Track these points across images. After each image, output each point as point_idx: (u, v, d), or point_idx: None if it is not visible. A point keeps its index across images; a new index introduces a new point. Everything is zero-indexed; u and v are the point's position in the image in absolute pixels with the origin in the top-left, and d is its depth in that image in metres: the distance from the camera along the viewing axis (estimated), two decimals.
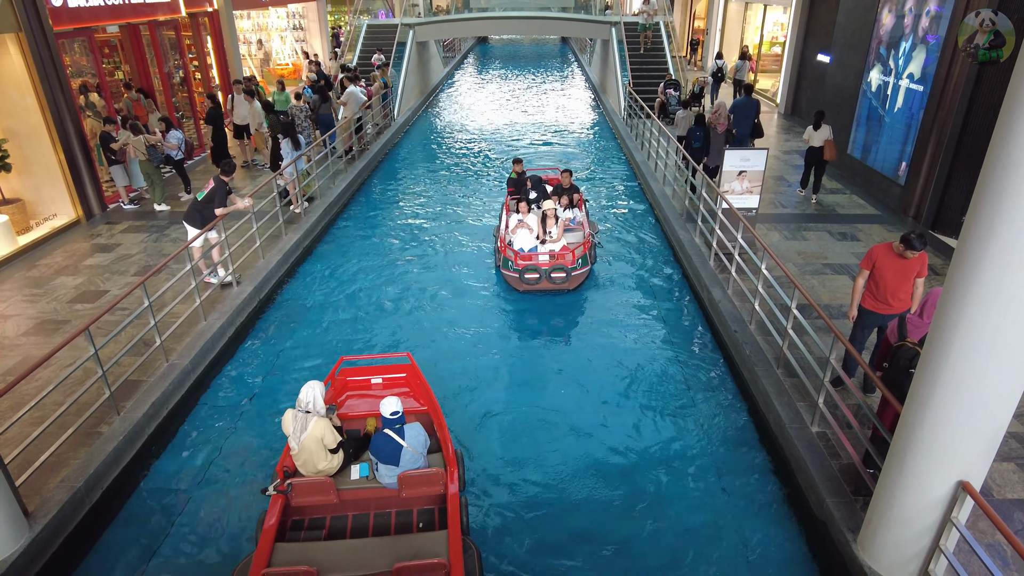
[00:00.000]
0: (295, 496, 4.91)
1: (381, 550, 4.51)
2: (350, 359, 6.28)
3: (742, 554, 5.08)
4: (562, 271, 8.71)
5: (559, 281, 8.77)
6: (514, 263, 8.84)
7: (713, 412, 6.71)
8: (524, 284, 8.85)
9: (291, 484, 4.86)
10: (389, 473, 4.92)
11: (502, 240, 9.53)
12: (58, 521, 4.93)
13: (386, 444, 4.87)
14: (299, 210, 11.11)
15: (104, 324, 7.08)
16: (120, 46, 13.85)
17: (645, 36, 20.86)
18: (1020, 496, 4.96)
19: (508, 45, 47.27)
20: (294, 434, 4.84)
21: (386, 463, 4.90)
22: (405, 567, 4.19)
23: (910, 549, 4.11)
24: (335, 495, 4.94)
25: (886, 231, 10.01)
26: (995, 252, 3.26)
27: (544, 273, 8.70)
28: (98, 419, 5.84)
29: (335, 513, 5.12)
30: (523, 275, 8.71)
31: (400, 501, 5.10)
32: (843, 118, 12.61)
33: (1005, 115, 3.18)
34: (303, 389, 4.97)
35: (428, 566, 4.22)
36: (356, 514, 5.13)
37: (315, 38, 24.09)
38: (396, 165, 16.33)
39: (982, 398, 3.57)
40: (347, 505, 5.07)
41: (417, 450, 4.94)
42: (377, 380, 5.98)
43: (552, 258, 8.86)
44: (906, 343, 4.75)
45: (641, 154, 15.04)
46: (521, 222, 9.43)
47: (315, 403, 4.92)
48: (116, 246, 9.59)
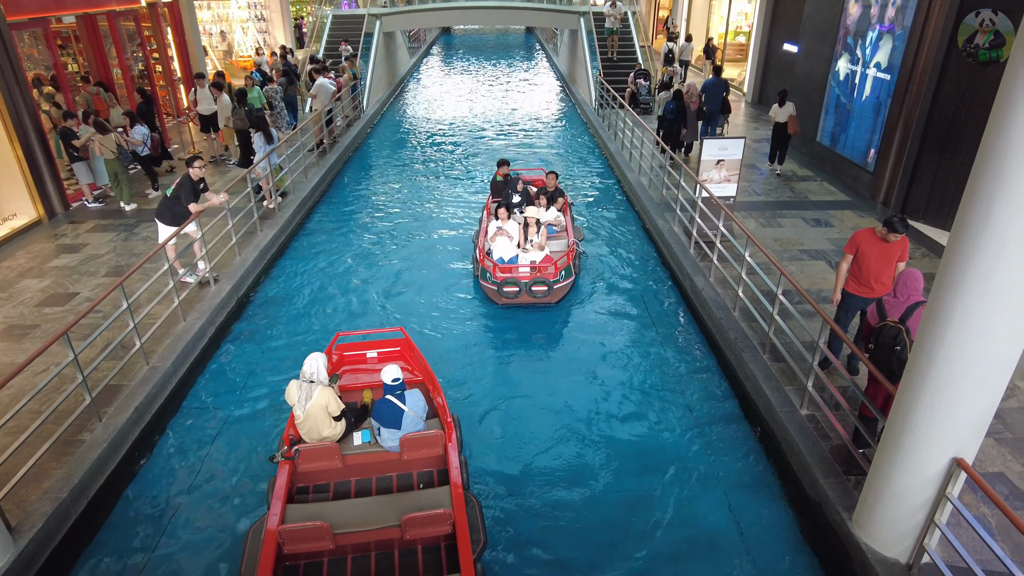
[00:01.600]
0: (301, 462, 5.11)
1: (387, 506, 4.76)
2: (345, 335, 6.44)
3: (739, 540, 5.18)
4: (543, 284, 8.22)
5: (540, 295, 8.28)
6: (493, 275, 8.31)
7: (701, 397, 6.81)
8: (503, 298, 8.31)
9: (298, 450, 5.05)
10: (391, 437, 5.17)
11: (481, 249, 8.96)
12: (43, 534, 4.74)
13: (388, 409, 5.13)
14: (273, 206, 10.87)
15: (79, 328, 6.83)
16: (75, 38, 13.31)
17: (612, 40, 19.95)
18: (1000, 469, 5.16)
19: (472, 36, 46.95)
20: (299, 403, 5.04)
21: (388, 427, 5.15)
22: (412, 518, 4.46)
23: (905, 525, 4.23)
24: (340, 460, 5.16)
25: (857, 217, 10.27)
26: (990, 237, 3.36)
27: (524, 286, 8.20)
28: (79, 427, 5.63)
29: (339, 479, 5.31)
30: (502, 288, 8.19)
31: (401, 464, 5.31)
32: (812, 106, 12.87)
33: (1000, 104, 3.26)
34: (307, 360, 5.18)
35: (434, 516, 4.49)
36: (359, 479, 5.33)
37: (277, 29, 23.55)
38: (367, 158, 16.10)
39: (976, 377, 3.69)
40: (351, 470, 5.29)
41: (417, 414, 5.23)
42: (372, 354, 6.27)
43: (533, 270, 8.33)
44: (887, 322, 4.88)
45: (615, 144, 15.11)
46: (500, 230, 8.91)
47: (319, 373, 5.14)
48: (83, 246, 9.24)
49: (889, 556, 4.37)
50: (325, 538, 4.48)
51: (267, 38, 23.44)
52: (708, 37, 22.24)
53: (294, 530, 4.39)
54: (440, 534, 4.63)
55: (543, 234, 8.89)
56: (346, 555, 4.67)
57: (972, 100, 9.04)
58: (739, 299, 7.35)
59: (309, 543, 4.49)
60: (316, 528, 4.40)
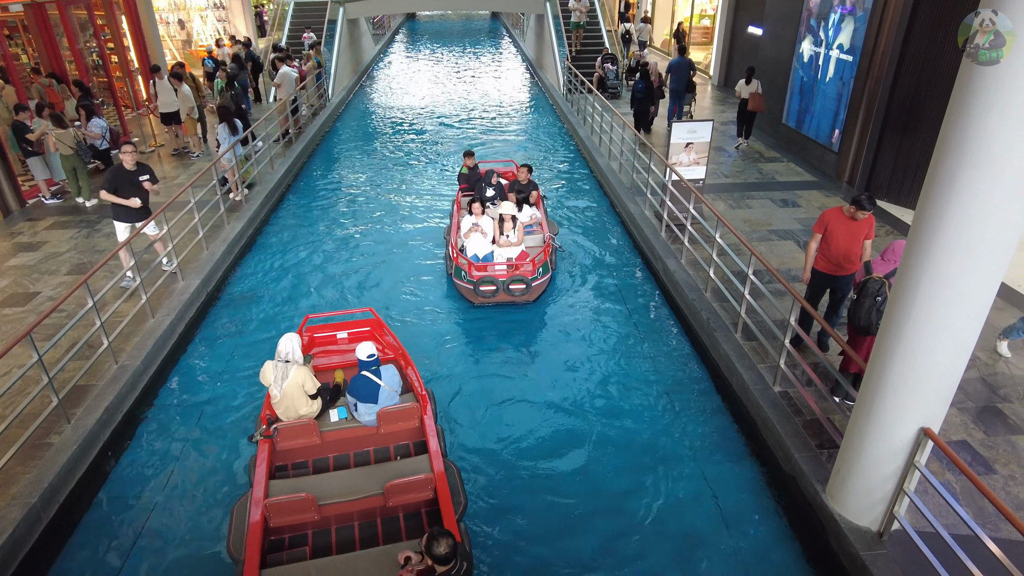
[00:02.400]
0: (280, 440, 5.17)
1: (369, 476, 4.87)
2: (315, 317, 6.45)
3: (717, 514, 5.29)
4: (521, 282, 7.95)
5: (518, 293, 8.00)
6: (468, 273, 7.99)
7: (675, 377, 6.91)
8: (479, 297, 8.02)
9: (276, 428, 5.12)
10: (368, 411, 5.30)
11: (453, 246, 8.58)
12: (13, 541, 4.62)
13: (365, 384, 5.25)
14: (239, 198, 10.64)
15: (42, 328, 6.62)
16: (24, 27, 12.80)
17: (578, 34, 19.67)
18: (963, 437, 5.36)
19: (437, 22, 46.35)
20: (276, 382, 5.08)
21: (365, 402, 5.27)
22: (395, 484, 4.57)
23: (876, 494, 4.37)
24: (318, 436, 5.25)
25: (823, 196, 10.47)
26: (953, 213, 3.46)
27: (502, 285, 7.92)
28: (47, 429, 5.48)
29: (317, 455, 5.39)
30: (478, 287, 7.89)
31: (379, 438, 5.44)
32: (777, 88, 13.04)
33: (960, 85, 3.34)
34: (282, 341, 5.19)
35: (416, 482, 4.63)
36: (337, 455, 5.43)
37: (237, 17, 22.95)
38: (334, 147, 15.85)
39: (942, 350, 3.81)
40: (329, 446, 5.38)
41: (393, 388, 5.37)
42: (343, 335, 6.32)
43: (510, 267, 8.06)
44: (872, 276, 5.14)
45: (584, 129, 15.13)
46: (475, 226, 8.59)
47: (294, 353, 5.17)
48: (42, 244, 8.94)
49: (861, 525, 4.52)
50: (310, 510, 4.55)
51: (227, 27, 22.82)
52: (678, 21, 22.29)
53: (280, 503, 4.46)
54: (422, 500, 4.75)
55: (519, 229, 8.60)
56: (330, 526, 4.77)
57: (931, 80, 9.26)
58: (711, 280, 7.45)
59: (294, 515, 4.56)
60: (301, 500, 4.47)
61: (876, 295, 4.99)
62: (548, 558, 4.92)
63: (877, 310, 4.97)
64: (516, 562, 4.90)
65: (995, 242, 3.47)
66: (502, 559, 4.93)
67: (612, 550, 4.97)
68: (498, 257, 8.37)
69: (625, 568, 4.83)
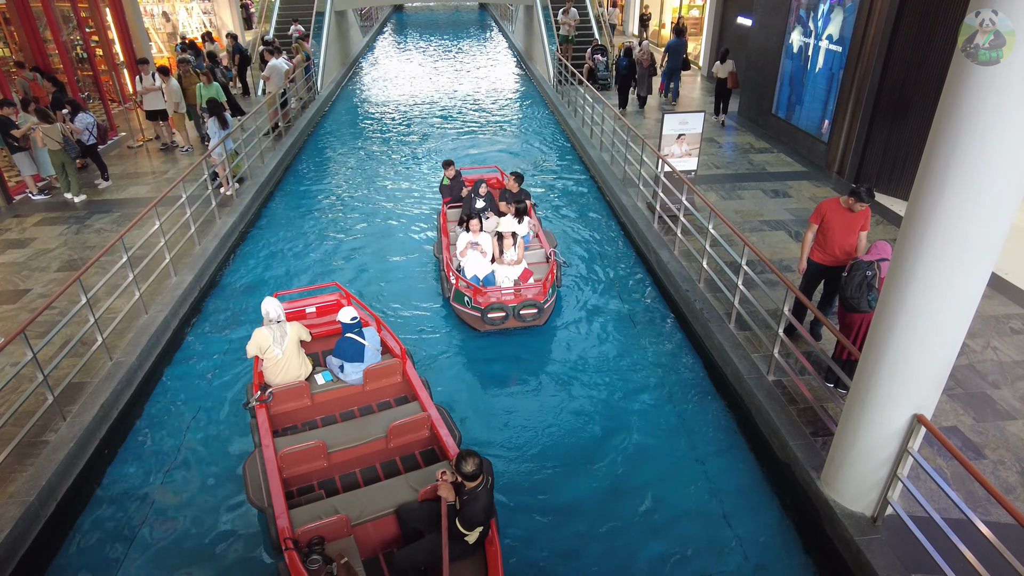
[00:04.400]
0: (274, 404, 5.50)
1: (366, 425, 5.30)
2: (282, 293, 6.69)
3: (714, 503, 5.36)
4: (534, 307, 7.24)
5: (530, 319, 7.29)
6: (473, 300, 7.29)
7: (669, 368, 6.96)
8: (487, 324, 7.31)
9: (271, 392, 5.44)
10: (355, 370, 5.70)
11: (448, 266, 7.85)
12: (13, 539, 4.60)
13: (351, 345, 5.69)
14: (230, 192, 10.57)
15: (34, 325, 6.56)
16: (5, 20, 12.59)
17: (567, 48, 18.84)
18: (954, 423, 5.45)
19: (424, 13, 46.04)
20: (276, 343, 5.40)
21: (352, 361, 5.70)
22: (396, 426, 5.04)
23: (870, 480, 4.45)
24: (310, 398, 5.62)
25: (814, 187, 10.55)
26: (946, 202, 3.51)
27: (512, 310, 7.20)
28: (42, 427, 5.45)
29: (309, 418, 5.73)
30: (486, 316, 7.19)
31: (366, 395, 5.83)
32: (767, 78, 13.10)
33: (953, 78, 3.38)
34: (267, 304, 5.56)
35: (415, 422, 5.11)
36: (326, 416, 5.78)
37: (224, 10, 22.68)
38: (324, 140, 15.75)
39: (935, 337, 3.88)
40: (320, 408, 5.75)
41: (375, 347, 5.84)
42: (311, 309, 6.69)
43: (518, 291, 7.34)
44: (860, 259, 5.25)
45: (575, 120, 15.13)
46: (475, 244, 7.84)
47: (282, 313, 5.57)
48: (31, 241, 8.85)
49: (855, 510, 4.59)
50: (320, 457, 4.96)
51: (212, 19, 22.56)
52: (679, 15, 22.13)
53: (293, 452, 4.83)
54: (418, 440, 5.20)
55: (520, 246, 7.87)
56: (334, 475, 5.15)
57: (920, 70, 9.34)
58: (704, 271, 7.51)
59: (306, 463, 4.95)
60: (313, 447, 4.87)
61: (867, 270, 5.10)
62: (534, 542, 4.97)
63: (868, 284, 5.07)
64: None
65: (987, 233, 3.53)
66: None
67: (603, 538, 5.03)
68: (500, 277, 7.73)
69: (619, 556, 4.88)
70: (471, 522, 4.09)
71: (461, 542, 4.17)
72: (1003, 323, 6.67)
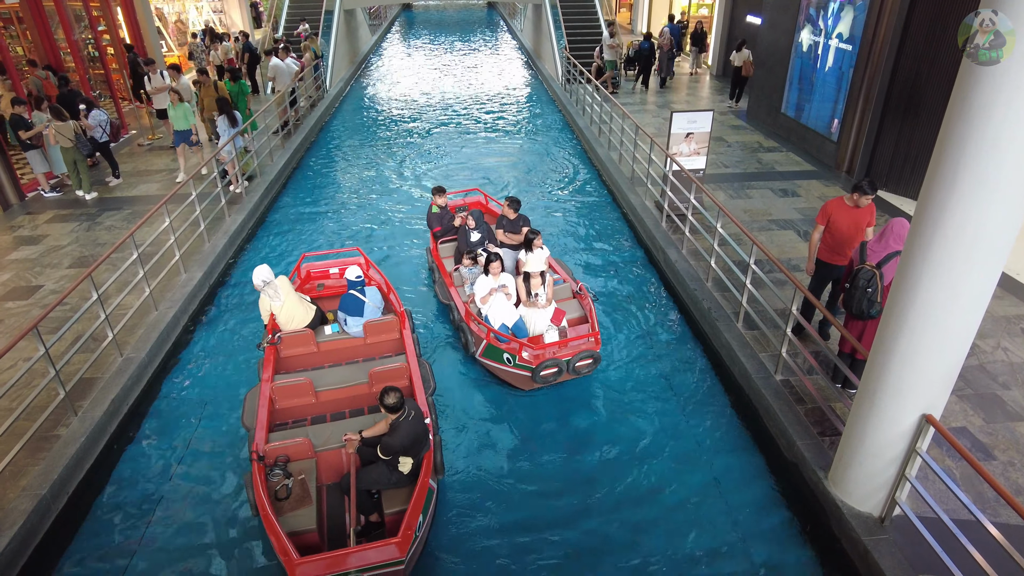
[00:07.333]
0: (283, 348, 6.14)
1: (356, 371, 5.93)
2: (310, 255, 7.82)
3: (721, 503, 5.35)
4: (590, 357, 6.27)
5: (585, 370, 6.34)
6: (519, 358, 6.20)
7: (678, 367, 6.95)
8: (537, 383, 6.31)
9: (280, 336, 6.10)
10: (355, 323, 6.36)
11: (470, 316, 6.74)
12: (25, 532, 4.66)
13: (352, 301, 6.39)
14: (239, 190, 10.63)
15: (47, 321, 6.62)
16: (18, 19, 12.72)
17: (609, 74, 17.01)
18: (963, 424, 5.42)
19: (433, 12, 46.08)
20: (276, 296, 6.10)
21: (353, 315, 6.37)
22: (377, 372, 5.69)
23: (878, 480, 4.43)
24: (315, 345, 6.26)
25: (823, 186, 10.50)
26: (956, 202, 3.49)
27: (565, 364, 6.19)
28: (54, 421, 5.51)
29: (313, 364, 6.27)
30: (537, 374, 6.16)
31: (366, 348, 6.42)
32: (776, 78, 13.04)
33: (962, 78, 3.37)
34: (257, 274, 6.11)
35: (394, 370, 5.73)
36: (330, 365, 6.29)
37: (233, 9, 22.80)
38: (333, 139, 15.80)
39: (945, 337, 3.85)
40: (324, 356, 6.35)
41: (376, 305, 6.52)
42: (334, 270, 7.58)
43: (567, 342, 6.44)
44: (864, 266, 5.18)
45: (584, 119, 15.11)
46: (502, 287, 6.72)
47: (268, 275, 6.15)
48: (43, 237, 8.94)
49: (863, 510, 4.58)
50: (308, 393, 5.62)
51: (222, 17, 22.68)
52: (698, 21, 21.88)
53: (284, 385, 5.56)
54: (400, 388, 5.28)
55: (549, 285, 6.74)
56: (325, 413, 5.74)
57: (931, 69, 9.28)
58: (712, 270, 7.49)
59: (295, 398, 5.60)
60: (301, 384, 5.57)
61: (867, 287, 5.05)
62: (533, 546, 4.99)
63: (868, 300, 5.07)
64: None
65: (997, 233, 3.51)
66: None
67: (605, 537, 5.03)
68: (530, 323, 6.63)
69: (627, 555, 4.89)
70: (388, 448, 4.57)
71: (396, 471, 4.69)
72: (1014, 324, 6.63)
